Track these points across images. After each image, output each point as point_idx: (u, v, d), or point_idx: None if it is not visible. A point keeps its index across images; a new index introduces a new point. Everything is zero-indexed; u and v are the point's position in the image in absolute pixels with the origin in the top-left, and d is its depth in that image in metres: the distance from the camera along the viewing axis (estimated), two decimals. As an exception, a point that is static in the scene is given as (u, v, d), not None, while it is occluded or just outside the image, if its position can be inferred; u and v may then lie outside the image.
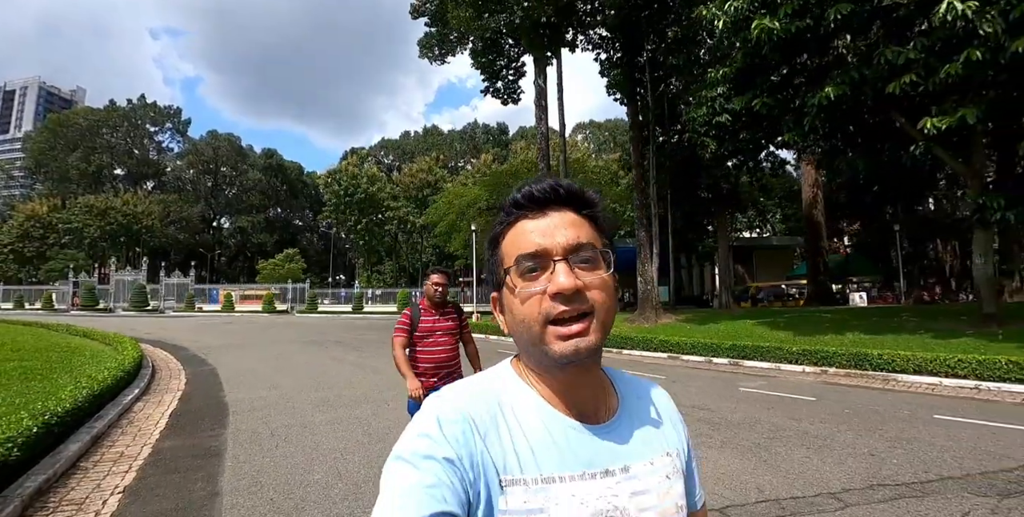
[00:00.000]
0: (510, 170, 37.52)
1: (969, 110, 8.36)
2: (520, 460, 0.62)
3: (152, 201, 67.98)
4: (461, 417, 0.63)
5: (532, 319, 0.63)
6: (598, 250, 0.66)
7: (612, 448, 0.68)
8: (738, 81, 11.13)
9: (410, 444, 0.61)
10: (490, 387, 0.69)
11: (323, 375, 9.57)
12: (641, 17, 15.78)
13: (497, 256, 0.70)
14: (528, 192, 0.68)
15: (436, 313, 3.47)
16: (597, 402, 0.71)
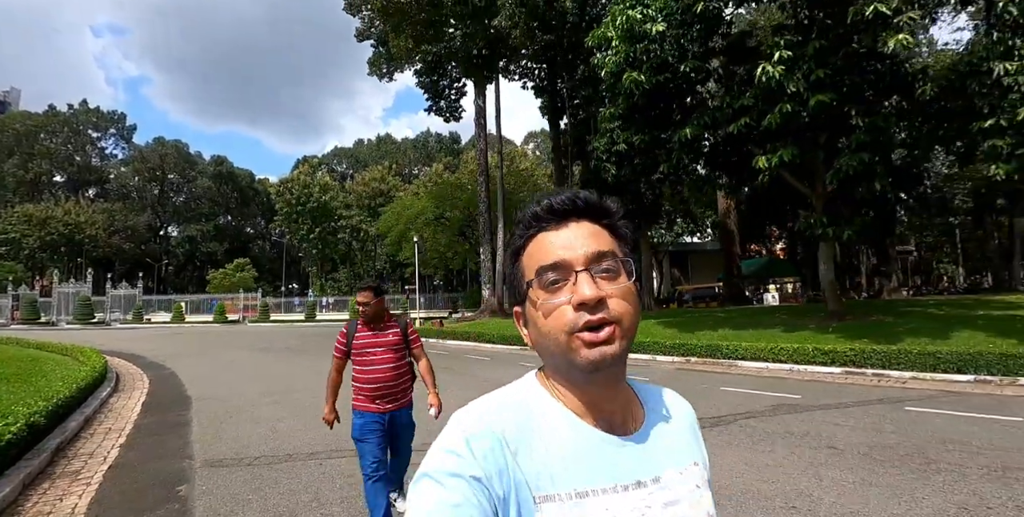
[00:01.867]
0: (456, 182, 39.30)
1: (787, 150, 10.75)
2: (552, 475, 0.62)
3: (95, 210, 66.31)
4: (490, 433, 0.62)
5: (557, 330, 0.63)
6: (619, 259, 0.66)
7: (642, 459, 0.68)
8: (624, 119, 13.35)
9: (437, 462, 0.60)
10: (517, 400, 0.68)
11: (269, 374, 11.18)
12: (556, 55, 17.96)
13: (518, 269, 0.70)
14: (548, 204, 0.68)
15: (373, 328, 3.21)
16: (625, 413, 0.71)
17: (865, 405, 6.56)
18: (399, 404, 3.23)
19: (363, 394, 3.18)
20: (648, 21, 10.85)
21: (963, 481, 3.82)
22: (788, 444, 4.93)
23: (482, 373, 10.83)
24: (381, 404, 3.16)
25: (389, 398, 3.19)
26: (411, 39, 22.01)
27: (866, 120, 10.42)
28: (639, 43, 11.15)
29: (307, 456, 5.02)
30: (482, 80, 26.56)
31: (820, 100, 9.75)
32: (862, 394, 7.49)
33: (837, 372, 9.58)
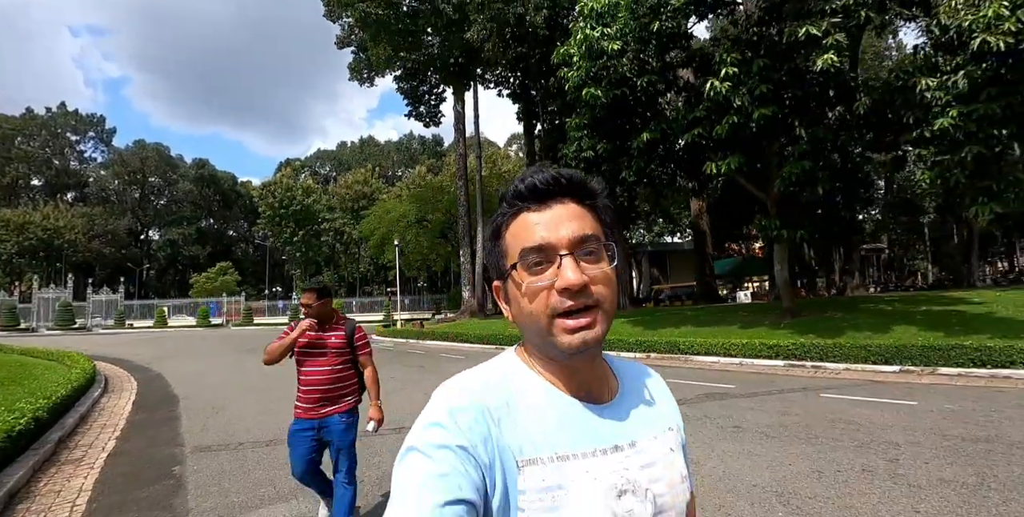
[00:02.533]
0: (437, 185, 39.89)
1: (734, 158, 11.58)
2: (534, 441, 0.64)
3: (75, 214, 65.70)
4: (472, 405, 0.64)
5: (539, 312, 0.65)
6: (601, 242, 0.67)
7: (619, 425, 0.71)
8: (588, 128, 14.11)
9: (422, 435, 0.62)
10: (498, 375, 0.70)
11: (251, 374, 11.75)
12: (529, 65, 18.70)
13: (500, 248, 0.71)
14: (531, 183, 0.68)
15: (318, 329, 3.10)
16: (601, 384, 0.73)
17: (787, 393, 7.36)
18: (332, 409, 3.04)
19: (299, 398, 3.07)
20: (606, 39, 11.64)
21: (831, 451, 4.59)
22: (699, 425, 5.69)
23: (453, 370, 11.22)
24: (314, 409, 3.01)
25: (323, 403, 3.02)
26: (390, 47, 22.61)
27: (808, 131, 11.30)
28: (599, 60, 11.93)
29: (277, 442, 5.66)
30: (460, 86, 27.23)
31: (763, 113, 10.59)
32: (791, 384, 8.30)
33: (780, 365, 10.40)
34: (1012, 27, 7.67)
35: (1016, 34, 7.78)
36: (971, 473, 3.88)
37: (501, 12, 15.16)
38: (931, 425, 5.26)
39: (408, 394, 8.46)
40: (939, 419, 5.53)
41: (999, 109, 8.33)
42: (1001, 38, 7.78)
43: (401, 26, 20.18)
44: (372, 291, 67.65)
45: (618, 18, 11.73)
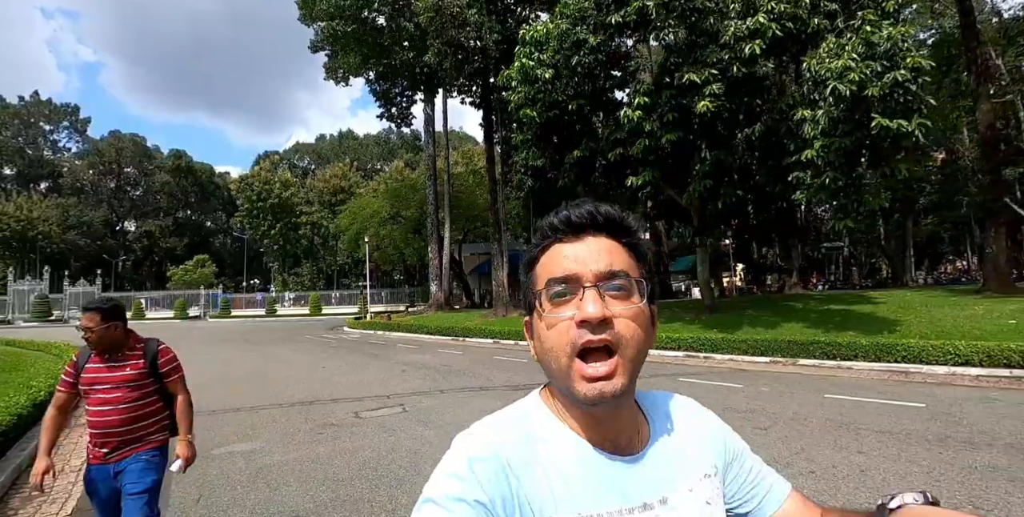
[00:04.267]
0: (411, 183, 41.22)
1: (647, 173, 13.31)
2: (556, 499, 0.61)
3: (49, 205, 65.63)
4: (493, 456, 0.62)
5: (560, 348, 0.62)
6: (632, 279, 0.64)
7: (649, 479, 0.67)
8: (531, 142, 15.77)
9: (440, 486, 0.60)
10: (521, 422, 0.68)
11: (226, 360, 13.31)
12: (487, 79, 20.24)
13: (531, 279, 0.69)
14: (565, 217, 0.67)
15: (107, 359, 2.51)
16: (631, 430, 0.69)
17: (654, 378, 9.15)
18: (131, 449, 2.48)
19: (90, 442, 2.49)
20: (540, 67, 13.27)
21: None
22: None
23: (400, 357, 13.16)
24: (106, 453, 2.45)
25: (117, 447, 2.45)
26: (359, 57, 23.94)
27: (712, 153, 13.10)
28: (534, 84, 13.56)
29: (249, 409, 7.28)
30: (429, 92, 28.66)
31: (669, 138, 12.33)
32: (667, 370, 10.10)
33: (680, 355, 12.23)
34: (857, 77, 9.45)
35: (860, 83, 9.56)
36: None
37: (454, 37, 16.69)
38: (722, 400, 7.00)
39: (355, 376, 10.13)
40: (735, 396, 7.33)
41: (850, 143, 10.17)
42: (848, 86, 9.57)
43: (369, 39, 21.53)
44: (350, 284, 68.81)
45: (549, 49, 13.36)
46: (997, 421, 5.49)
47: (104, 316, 2.46)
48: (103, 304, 2.51)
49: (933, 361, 9.21)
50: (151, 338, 2.73)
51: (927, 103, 9.23)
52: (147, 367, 2.55)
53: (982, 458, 4.33)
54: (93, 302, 2.55)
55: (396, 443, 5.34)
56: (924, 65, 8.85)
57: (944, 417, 5.74)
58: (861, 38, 9.10)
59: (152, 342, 2.68)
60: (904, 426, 5.41)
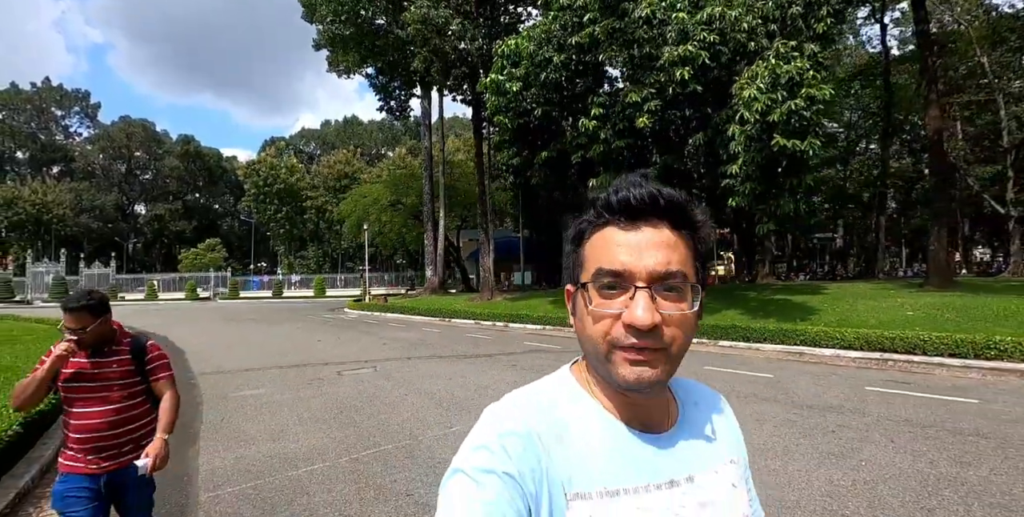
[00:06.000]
0: (411, 172, 42.96)
1: (606, 175, 15.09)
2: (585, 473, 0.62)
3: (62, 189, 67.80)
4: (523, 430, 0.62)
5: (599, 338, 0.61)
6: (688, 282, 0.62)
7: (676, 458, 0.67)
8: (507, 144, 17.58)
9: (470, 457, 0.60)
10: (551, 396, 0.67)
11: (234, 335, 15.39)
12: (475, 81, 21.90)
13: (578, 256, 0.67)
14: (625, 197, 0.62)
15: (90, 354, 2.22)
16: (660, 411, 0.70)
17: (570, 354, 11.06)
18: (123, 461, 2.23)
19: (71, 447, 2.20)
20: (510, 81, 15.02)
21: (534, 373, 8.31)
22: (505, 366, 9.41)
23: (387, 334, 15.20)
24: (95, 461, 2.19)
25: (108, 453, 2.21)
26: (358, 55, 25.61)
27: (662, 158, 14.87)
28: (505, 96, 15.32)
29: (258, 370, 9.29)
30: (425, 88, 30.29)
31: (619, 145, 14.10)
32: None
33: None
34: (761, 107, 11.19)
35: (764, 113, 11.28)
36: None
37: (438, 46, 18.37)
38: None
39: (344, 348, 12.18)
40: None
41: (761, 158, 11.94)
42: (753, 114, 11.32)
43: (367, 42, 23.20)
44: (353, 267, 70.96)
45: (522, 65, 15.09)
46: (818, 391, 7.11)
47: (94, 313, 2.18)
48: (89, 300, 2.19)
49: (823, 345, 10.96)
50: (139, 333, 2.49)
51: (821, 126, 10.96)
52: (134, 364, 2.29)
53: (775, 411, 6.04)
54: (76, 299, 2.19)
55: (363, 390, 7.37)
56: (818, 95, 10.57)
57: (777, 385, 7.56)
58: (768, 70, 10.79)
59: (139, 337, 2.41)
60: (745, 390, 7.20)
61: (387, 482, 4.00)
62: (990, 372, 8.44)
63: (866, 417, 5.63)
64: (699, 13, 12.00)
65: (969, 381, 7.77)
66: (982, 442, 4.73)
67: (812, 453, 4.51)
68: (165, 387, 2.38)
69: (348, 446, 4.92)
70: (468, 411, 6.13)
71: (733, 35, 12.76)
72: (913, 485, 3.80)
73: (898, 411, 5.89)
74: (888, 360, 9.91)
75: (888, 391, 7.00)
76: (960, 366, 8.85)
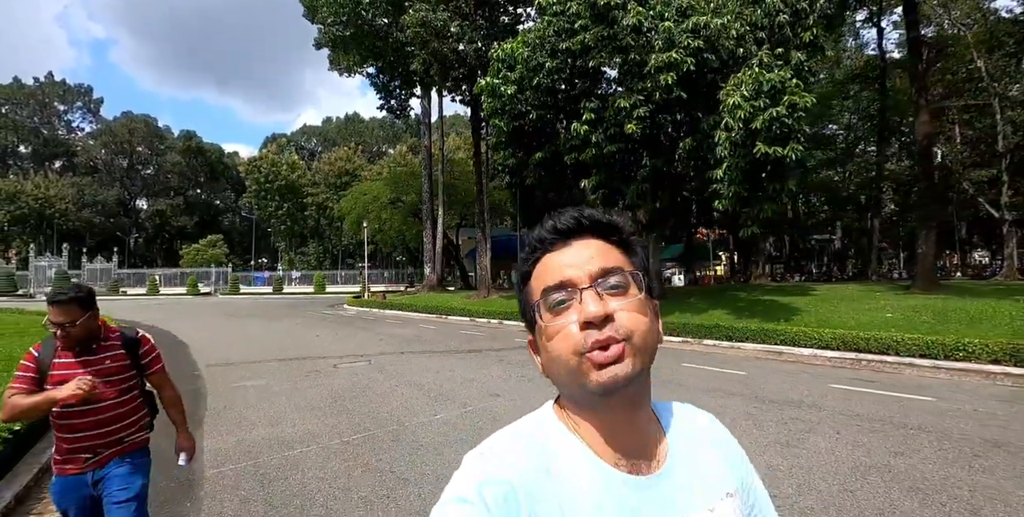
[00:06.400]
0: (411, 171, 43.36)
1: (595, 177, 15.49)
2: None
3: (64, 184, 68.25)
4: (503, 478, 0.61)
5: (566, 353, 0.61)
6: (627, 273, 0.64)
7: (667, 501, 0.65)
8: (503, 145, 17.97)
9: (447, 509, 0.59)
10: (533, 439, 0.66)
11: (234, 329, 15.81)
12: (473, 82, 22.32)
13: (526, 294, 0.69)
14: (551, 226, 0.67)
15: (78, 352, 2.14)
16: (648, 445, 0.68)
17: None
18: (110, 454, 2.18)
19: (61, 448, 2.14)
20: (504, 85, 15.42)
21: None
22: (493, 361, 9.85)
23: (384, 330, 15.65)
24: (84, 463, 2.13)
25: (97, 451, 2.14)
26: (359, 56, 26.01)
27: (651, 161, 15.28)
28: (500, 99, 15.72)
29: (258, 362, 9.74)
30: (424, 88, 30.69)
31: (610, 149, 14.50)
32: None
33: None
34: (743, 114, 11.60)
35: (746, 120, 11.68)
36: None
37: (437, 49, 18.79)
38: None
39: (341, 343, 12.63)
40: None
41: (745, 163, 12.35)
42: (736, 122, 11.73)
43: (367, 43, 23.59)
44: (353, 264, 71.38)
45: (517, 69, 15.49)
46: (784, 387, 7.56)
47: (83, 306, 2.12)
48: (78, 293, 2.14)
49: (802, 344, 11.36)
50: (126, 327, 2.43)
51: (803, 132, 11.37)
52: (128, 357, 2.23)
53: (737, 405, 6.49)
54: (63, 292, 2.12)
55: (357, 381, 7.82)
56: (800, 102, 10.99)
57: (748, 381, 8.00)
58: (752, 78, 11.20)
59: (129, 331, 2.35)
60: (714, 385, 7.66)
61: (373, 461, 4.46)
62: (957, 372, 8.81)
63: (822, 412, 6.07)
64: (685, 21, 12.39)
65: (934, 381, 8.14)
66: (922, 435, 5.13)
67: (760, 442, 4.96)
68: (162, 380, 2.38)
69: (340, 431, 5.37)
70: (452, 401, 6.59)
71: (721, 42, 13.16)
72: (844, 470, 4.22)
73: (854, 407, 6.32)
74: (862, 360, 10.29)
75: (851, 388, 7.43)
76: (929, 366, 9.21)
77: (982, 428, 5.35)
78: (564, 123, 17.32)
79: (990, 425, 5.47)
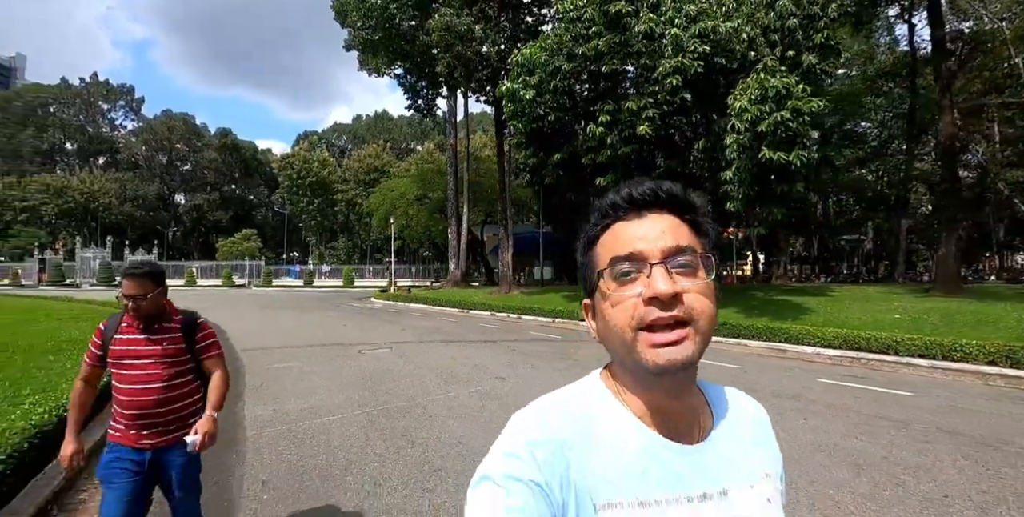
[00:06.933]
0: (436, 168, 44.29)
1: (609, 176, 16.01)
2: (613, 483, 0.61)
3: (108, 179, 71.38)
4: (551, 438, 0.62)
5: (624, 324, 0.61)
6: (699, 254, 0.64)
7: (709, 469, 0.66)
8: (524, 145, 18.63)
9: (497, 464, 0.60)
10: (580, 402, 0.67)
11: (268, 319, 16.87)
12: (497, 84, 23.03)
13: (590, 259, 0.69)
14: (627, 194, 0.66)
15: (144, 329, 2.23)
16: (692, 418, 0.69)
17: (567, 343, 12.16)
18: (170, 438, 2.21)
19: (118, 421, 2.20)
20: (523, 89, 16.07)
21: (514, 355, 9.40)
22: (505, 350, 10.56)
23: (407, 322, 16.51)
24: (141, 437, 2.17)
25: (154, 429, 2.18)
26: (387, 58, 26.95)
27: (665, 162, 15.75)
28: (519, 103, 16.39)
29: (291, 348, 10.64)
30: (451, 89, 31.50)
31: (624, 151, 15.03)
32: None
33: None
34: (750, 117, 12.02)
35: (753, 123, 12.11)
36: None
37: (460, 53, 19.54)
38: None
39: (367, 332, 13.53)
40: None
41: (751, 166, 12.76)
42: (742, 125, 12.16)
43: (394, 46, 24.51)
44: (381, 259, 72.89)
45: (535, 73, 16.12)
46: (772, 380, 8.00)
47: (155, 280, 2.21)
48: (152, 268, 2.25)
49: (805, 342, 11.67)
50: (188, 310, 2.44)
51: (808, 137, 11.74)
52: (185, 341, 2.29)
53: None
54: (138, 266, 2.22)
55: (379, 365, 8.65)
56: (805, 108, 11.36)
57: (740, 375, 8.45)
58: (757, 83, 11.62)
59: (189, 314, 2.41)
60: (703, 376, 8.15)
61: (388, 427, 5.22)
62: (953, 373, 8.98)
63: (797, 401, 6.57)
64: (693, 27, 12.86)
65: (926, 379, 8.31)
66: (884, 423, 5.46)
67: (728, 422, 5.51)
68: (215, 365, 2.38)
69: (362, 404, 6.16)
70: (462, 382, 7.33)
71: (731, 46, 13.54)
72: (796, 449, 4.69)
73: (831, 398, 6.73)
74: (863, 359, 10.48)
75: (837, 383, 7.82)
76: (926, 366, 9.35)
77: (946, 419, 5.61)
78: (582, 125, 17.89)
79: (957, 418, 5.70)
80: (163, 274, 2.30)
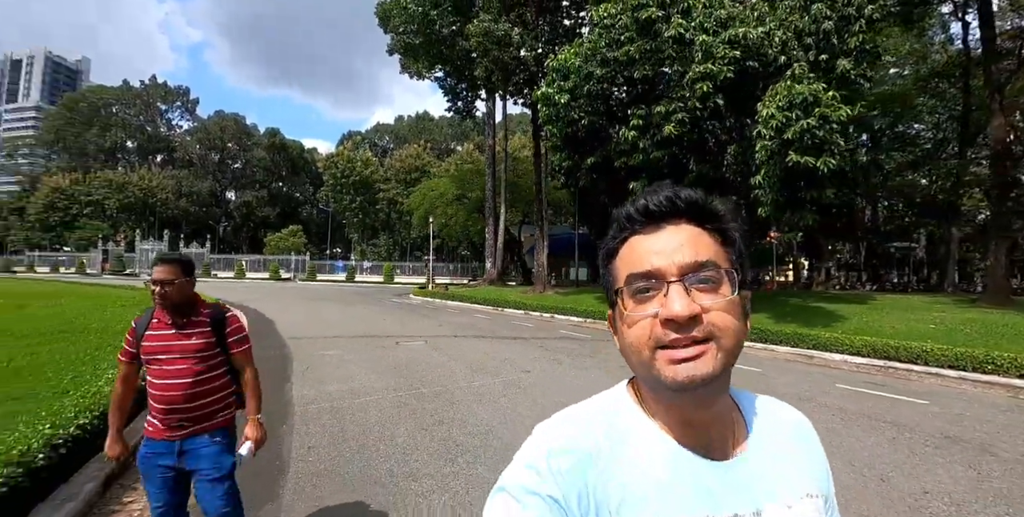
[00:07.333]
0: (475, 168, 45.07)
1: (642, 180, 16.22)
2: (638, 499, 0.59)
3: (165, 176, 75.41)
4: (573, 450, 0.60)
5: (641, 344, 0.59)
6: (722, 269, 0.61)
7: (742, 488, 0.62)
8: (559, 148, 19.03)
9: (516, 476, 0.60)
10: (606, 414, 0.65)
11: (313, 311, 17.87)
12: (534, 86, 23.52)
13: (610, 273, 0.66)
14: (643, 206, 0.63)
15: (173, 323, 2.25)
16: (724, 432, 0.66)
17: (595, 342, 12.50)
18: (197, 429, 2.26)
19: (152, 416, 2.27)
20: (558, 94, 16.48)
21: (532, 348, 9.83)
22: (534, 347, 11.06)
23: (443, 318, 17.21)
24: (172, 430, 2.23)
25: (182, 423, 2.24)
26: (428, 61, 27.84)
27: (697, 167, 15.91)
28: (554, 107, 16.80)
29: (334, 338, 11.41)
30: (489, 91, 32.17)
31: (656, 155, 15.27)
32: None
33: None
34: (776, 123, 12.11)
35: (779, 129, 12.18)
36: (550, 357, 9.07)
37: (498, 57, 20.12)
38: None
39: (404, 326, 14.26)
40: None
41: (780, 171, 12.83)
42: (769, 131, 12.27)
43: (434, 50, 25.35)
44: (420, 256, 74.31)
45: (571, 78, 16.51)
46: (789, 383, 8.21)
47: (184, 268, 2.25)
48: (180, 256, 2.32)
49: (832, 349, 11.53)
50: (216, 304, 2.44)
51: (836, 143, 11.74)
52: (214, 335, 2.29)
53: None
54: (167, 254, 2.29)
55: (414, 355, 9.32)
56: (833, 115, 11.40)
57: (758, 377, 8.60)
58: (785, 90, 11.73)
59: (218, 308, 2.39)
60: None
61: (419, 407, 5.85)
62: (982, 385, 8.60)
63: (808, 403, 6.74)
64: (723, 33, 13.01)
65: (953, 390, 8.07)
66: (888, 427, 5.43)
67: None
68: (244, 361, 2.39)
69: (396, 388, 6.80)
70: (488, 373, 7.90)
71: (764, 50, 13.57)
72: None
73: (845, 402, 6.72)
74: (890, 368, 10.14)
75: (855, 389, 7.77)
76: (955, 377, 9.03)
77: (952, 427, 5.59)
78: (615, 128, 18.17)
79: (964, 426, 5.67)
80: (192, 266, 2.36)
